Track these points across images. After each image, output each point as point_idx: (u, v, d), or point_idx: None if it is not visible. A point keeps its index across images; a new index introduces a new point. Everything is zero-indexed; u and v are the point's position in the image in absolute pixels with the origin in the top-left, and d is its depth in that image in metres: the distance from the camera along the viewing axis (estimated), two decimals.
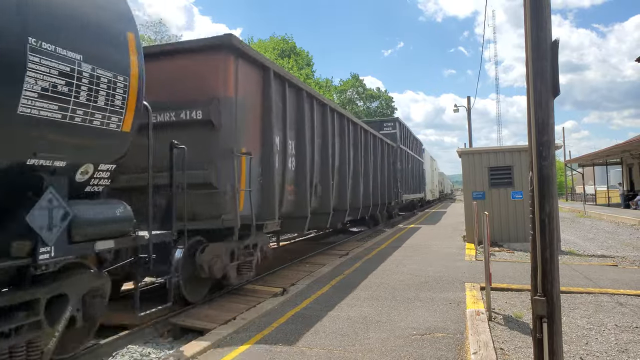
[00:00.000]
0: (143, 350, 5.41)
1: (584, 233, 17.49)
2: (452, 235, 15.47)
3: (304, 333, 5.38)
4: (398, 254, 11.33)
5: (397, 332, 5.30)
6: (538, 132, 3.25)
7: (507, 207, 12.83)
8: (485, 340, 4.72)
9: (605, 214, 24.37)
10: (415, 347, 4.82)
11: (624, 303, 6.38)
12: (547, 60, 3.24)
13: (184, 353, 4.75)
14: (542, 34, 3.25)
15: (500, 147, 13.87)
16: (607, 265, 9.62)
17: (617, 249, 13.06)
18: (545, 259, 3.22)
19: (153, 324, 5.94)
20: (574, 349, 4.70)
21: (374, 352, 4.72)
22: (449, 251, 11.72)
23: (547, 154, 3.24)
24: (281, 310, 6.38)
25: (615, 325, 5.42)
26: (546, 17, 3.26)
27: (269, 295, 7.35)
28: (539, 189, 3.24)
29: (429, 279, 8.19)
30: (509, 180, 12.88)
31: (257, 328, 5.62)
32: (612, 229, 18.81)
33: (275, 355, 4.70)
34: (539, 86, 3.25)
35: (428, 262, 10.09)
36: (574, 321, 5.59)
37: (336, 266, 9.84)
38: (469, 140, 32.35)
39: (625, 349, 4.66)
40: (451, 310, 6.15)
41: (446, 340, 4.99)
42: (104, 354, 5.14)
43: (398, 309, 6.28)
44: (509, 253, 11.49)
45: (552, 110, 3.28)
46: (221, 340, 5.17)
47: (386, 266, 9.64)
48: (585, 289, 7.16)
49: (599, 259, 11.02)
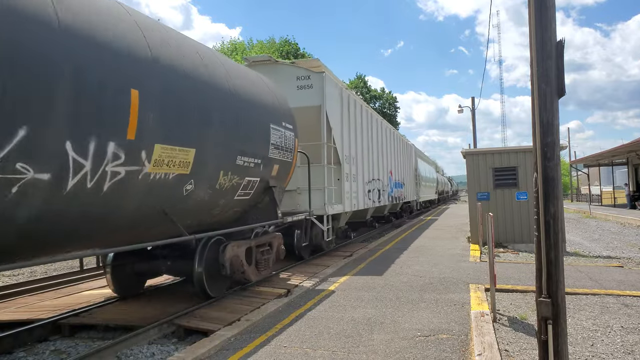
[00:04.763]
0: (147, 351, 5.42)
1: (590, 234, 17.40)
2: (457, 236, 15.43)
3: (308, 335, 5.38)
4: (402, 256, 11.31)
5: (401, 334, 5.29)
6: (543, 133, 3.24)
7: (512, 208, 12.79)
8: (490, 341, 4.71)
9: (611, 215, 24.23)
10: (420, 348, 4.81)
11: (630, 304, 6.34)
12: (552, 61, 3.23)
13: (188, 354, 4.75)
14: (547, 35, 3.24)
15: (505, 148, 13.82)
16: (612, 267, 9.56)
17: (623, 250, 12.98)
18: (550, 260, 3.21)
19: (158, 325, 5.95)
20: (580, 350, 4.67)
21: (378, 353, 4.71)
22: (454, 252, 11.69)
23: (552, 155, 3.23)
24: (285, 312, 6.39)
25: (621, 326, 5.39)
26: (551, 17, 3.25)
27: (273, 296, 7.36)
28: (544, 190, 3.22)
29: (433, 280, 8.17)
30: (513, 181, 12.84)
31: (261, 329, 5.62)
32: (617, 229, 18.70)
33: (279, 357, 4.70)
34: (544, 87, 3.24)
35: (432, 263, 10.07)
36: (580, 323, 5.56)
37: (340, 267, 9.83)
38: (474, 141, 32.24)
39: (632, 351, 4.63)
40: (456, 312, 6.13)
41: (451, 342, 4.98)
42: (108, 354, 5.16)
43: (402, 311, 6.27)
44: (514, 254, 11.45)
45: (557, 111, 3.27)
46: (225, 342, 5.18)
47: (390, 267, 9.63)
48: (590, 290, 7.13)
49: (604, 260, 10.96)
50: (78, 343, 5.81)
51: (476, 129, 32.04)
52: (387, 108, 60.51)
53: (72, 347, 5.66)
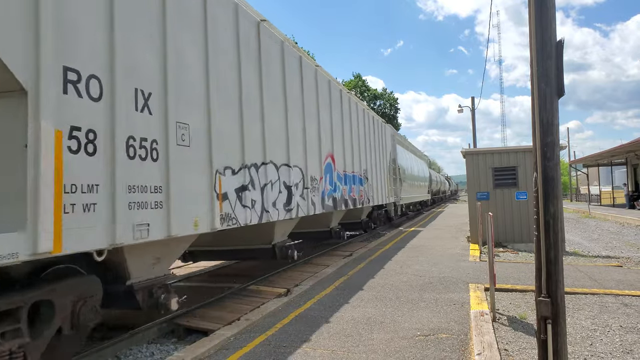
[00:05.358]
0: (147, 350, 5.42)
1: (589, 234, 17.42)
2: (456, 236, 15.43)
3: (308, 334, 5.38)
4: (402, 255, 11.32)
5: (401, 333, 5.30)
6: (542, 133, 3.25)
7: (512, 207, 12.81)
8: (490, 341, 4.71)
9: (610, 215, 24.26)
10: (419, 348, 4.82)
11: (629, 304, 6.35)
12: (552, 61, 3.24)
13: (188, 354, 4.76)
14: (547, 35, 3.24)
15: (505, 148, 13.85)
16: (611, 266, 9.58)
17: (622, 249, 13.00)
18: (549, 259, 3.21)
19: (157, 325, 5.95)
20: (579, 350, 4.68)
21: (378, 353, 4.72)
22: (453, 252, 11.69)
23: (552, 154, 3.23)
24: (285, 311, 6.39)
25: (620, 326, 5.40)
26: (551, 17, 3.25)
27: (273, 295, 7.36)
28: (544, 190, 3.23)
29: (433, 280, 8.18)
30: (513, 180, 12.85)
31: (261, 329, 5.63)
32: (616, 229, 18.73)
33: (278, 357, 4.71)
34: (544, 87, 3.24)
35: (432, 262, 10.07)
36: (579, 322, 5.57)
37: (340, 267, 9.84)
38: (473, 141, 32.25)
39: (630, 350, 4.64)
40: (455, 311, 6.14)
41: (450, 341, 4.98)
42: (108, 354, 5.16)
43: (402, 310, 6.27)
44: (513, 254, 11.46)
45: (556, 111, 3.27)
46: (225, 341, 5.18)
47: (390, 267, 9.63)
48: (589, 289, 7.14)
49: (603, 259, 10.98)
50: None
51: (476, 129, 32.07)
52: (388, 109, 60.25)
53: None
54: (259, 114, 7.46)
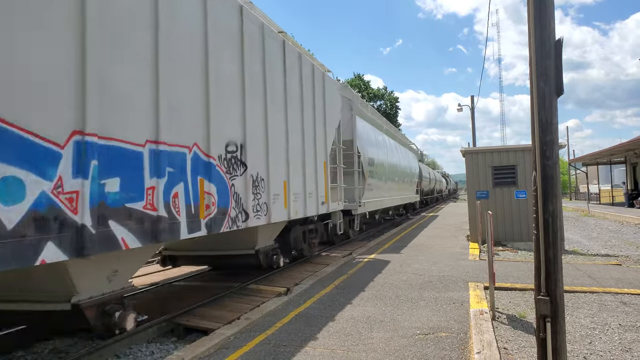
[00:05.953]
0: (147, 349, 5.42)
1: (588, 232, 17.44)
2: (456, 235, 15.44)
3: (308, 333, 5.39)
4: (401, 254, 11.32)
5: (400, 332, 5.31)
6: (541, 132, 3.25)
7: (511, 206, 12.82)
8: (489, 339, 4.72)
9: (609, 213, 24.29)
10: (419, 346, 4.82)
11: (628, 302, 6.36)
12: (551, 60, 3.23)
13: (188, 353, 4.76)
14: (546, 33, 3.24)
15: (504, 147, 13.86)
16: (610, 265, 9.59)
17: (621, 248, 13.02)
18: (548, 258, 3.22)
19: (157, 324, 5.95)
20: (578, 348, 4.69)
21: (378, 351, 4.72)
22: (453, 251, 11.71)
23: (551, 153, 3.24)
24: (285, 310, 6.40)
25: (619, 324, 5.41)
26: (550, 16, 3.25)
27: (272, 295, 7.37)
28: (543, 189, 3.23)
29: (432, 279, 8.18)
30: (512, 179, 12.87)
31: (261, 328, 5.63)
32: (616, 228, 18.75)
33: (278, 356, 4.71)
34: (543, 86, 3.24)
35: (432, 261, 10.08)
36: (578, 320, 5.58)
37: (340, 266, 9.84)
38: (473, 140, 32.28)
39: (629, 348, 4.65)
40: (455, 310, 6.15)
41: (450, 340, 4.99)
42: (108, 353, 5.16)
43: (402, 309, 6.28)
44: (513, 252, 11.47)
45: (555, 110, 3.27)
46: (225, 340, 5.18)
47: (390, 266, 9.64)
48: (589, 288, 7.15)
49: (602, 258, 10.99)
50: (77, 342, 5.80)
51: (475, 128, 32.08)
52: (389, 108, 60.17)
53: (71, 346, 5.65)
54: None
